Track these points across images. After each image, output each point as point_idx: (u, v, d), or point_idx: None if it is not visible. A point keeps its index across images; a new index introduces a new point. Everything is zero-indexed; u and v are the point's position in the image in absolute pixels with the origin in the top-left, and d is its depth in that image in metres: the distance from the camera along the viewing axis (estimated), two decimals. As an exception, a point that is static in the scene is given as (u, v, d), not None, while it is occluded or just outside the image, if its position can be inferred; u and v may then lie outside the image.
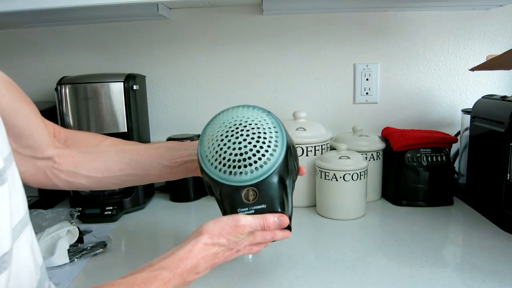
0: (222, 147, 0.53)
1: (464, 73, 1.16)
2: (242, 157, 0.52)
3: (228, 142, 0.53)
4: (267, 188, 0.53)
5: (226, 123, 0.56)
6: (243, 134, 0.53)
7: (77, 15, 1.09)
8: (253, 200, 0.53)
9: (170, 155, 0.67)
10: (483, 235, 0.82)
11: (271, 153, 0.53)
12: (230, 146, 0.53)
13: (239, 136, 0.53)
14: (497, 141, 0.85)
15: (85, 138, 0.68)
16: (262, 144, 0.53)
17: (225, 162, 0.53)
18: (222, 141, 0.54)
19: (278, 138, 0.54)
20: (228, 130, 0.54)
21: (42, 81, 1.19)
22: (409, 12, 1.14)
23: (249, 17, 1.16)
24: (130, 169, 0.66)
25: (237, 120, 0.55)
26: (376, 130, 1.17)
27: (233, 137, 0.53)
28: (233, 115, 0.57)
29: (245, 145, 0.53)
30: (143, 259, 0.78)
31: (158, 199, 1.14)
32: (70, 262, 0.75)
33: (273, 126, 0.55)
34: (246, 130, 0.54)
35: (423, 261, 0.72)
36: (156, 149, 0.67)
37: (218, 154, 0.53)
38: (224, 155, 0.53)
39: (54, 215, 0.89)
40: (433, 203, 0.99)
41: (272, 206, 0.53)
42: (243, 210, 0.53)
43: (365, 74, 1.17)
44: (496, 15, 1.13)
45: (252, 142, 0.53)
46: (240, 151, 0.52)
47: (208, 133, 0.57)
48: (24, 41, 1.20)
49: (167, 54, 1.19)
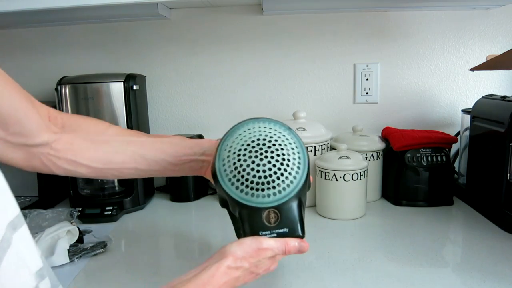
0: (244, 168, 0.51)
1: (464, 73, 1.16)
2: (266, 180, 0.51)
3: (252, 164, 0.51)
4: (288, 210, 0.52)
5: (247, 140, 0.53)
6: (268, 155, 0.52)
7: (77, 15, 1.09)
8: (275, 223, 0.52)
9: (175, 151, 0.64)
10: (483, 235, 0.82)
11: (294, 175, 0.52)
12: (254, 167, 0.51)
13: (263, 157, 0.51)
14: (497, 141, 0.85)
15: (87, 124, 0.64)
16: (286, 167, 0.52)
17: (247, 183, 0.51)
18: (245, 161, 0.52)
19: (301, 160, 0.53)
20: (251, 150, 0.52)
21: (42, 81, 1.19)
22: (409, 12, 1.14)
23: (249, 17, 1.16)
24: (133, 162, 0.63)
25: (260, 139, 0.53)
26: (376, 130, 1.17)
27: (257, 158, 0.51)
28: (255, 131, 0.54)
29: (269, 168, 0.51)
30: (143, 259, 0.79)
31: (158, 199, 1.14)
32: (70, 262, 0.75)
33: (295, 146, 0.54)
34: (271, 152, 0.52)
35: (423, 261, 0.72)
36: (161, 144, 0.65)
37: (240, 174, 0.51)
38: (246, 176, 0.51)
39: (54, 215, 0.89)
40: (433, 203, 0.99)
41: (294, 230, 0.53)
42: (265, 233, 0.52)
43: (365, 74, 1.17)
44: (496, 15, 1.13)
45: (276, 165, 0.51)
46: (264, 174, 0.51)
47: (226, 148, 0.54)
48: (24, 41, 1.20)
49: (167, 54, 1.19)
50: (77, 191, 1.04)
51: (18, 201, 0.43)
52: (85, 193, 1.04)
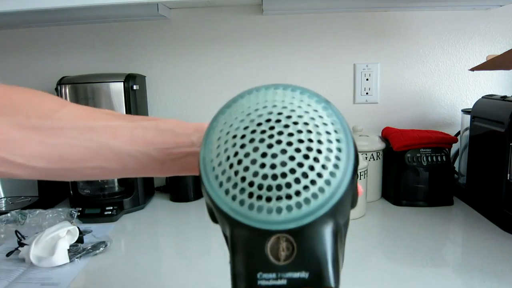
0: (242, 159, 0.28)
1: (464, 73, 1.16)
2: (277, 182, 0.27)
3: (255, 153, 0.28)
4: (312, 239, 0.28)
5: (252, 114, 0.30)
6: (283, 140, 0.28)
7: (77, 15, 1.09)
8: (286, 260, 0.28)
9: (163, 141, 0.42)
10: (483, 235, 0.82)
11: (328, 177, 0.27)
12: (258, 160, 0.27)
13: (274, 143, 0.27)
14: (497, 141, 0.85)
15: (27, 101, 0.42)
16: (315, 162, 0.27)
17: (245, 185, 0.28)
18: (242, 147, 0.28)
19: (342, 151, 0.28)
20: (255, 130, 0.28)
21: (42, 81, 1.19)
22: (409, 12, 1.14)
23: (249, 17, 1.16)
24: (98, 160, 0.41)
25: (273, 112, 0.29)
26: (376, 130, 1.17)
27: (264, 144, 0.28)
28: (266, 100, 0.31)
29: (284, 161, 0.27)
30: (143, 259, 0.79)
31: (158, 199, 1.14)
32: (70, 262, 0.75)
33: (334, 129, 0.29)
34: (288, 134, 0.28)
35: (423, 261, 0.72)
36: (143, 130, 0.43)
37: (235, 170, 0.28)
38: (244, 174, 0.28)
39: (54, 215, 0.90)
40: (433, 203, 0.99)
41: (320, 277, 0.28)
42: (267, 277, 0.29)
43: (365, 74, 1.17)
44: (496, 15, 1.13)
45: (296, 157, 0.27)
46: (274, 171, 0.27)
47: (218, 127, 0.31)
48: (24, 41, 1.20)
49: (167, 54, 1.19)
50: (77, 191, 1.04)
51: (18, 201, 0.41)
52: (85, 193, 1.04)
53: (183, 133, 0.44)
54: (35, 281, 0.69)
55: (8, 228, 0.88)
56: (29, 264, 0.74)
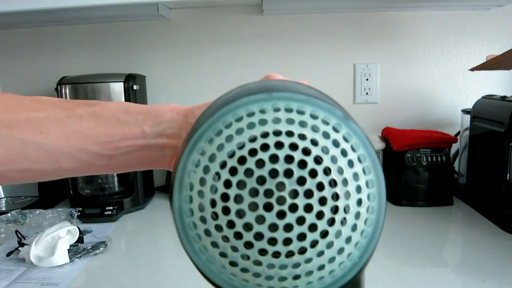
0: (234, 220, 0.21)
1: (464, 73, 1.16)
2: (293, 262, 0.21)
3: (252, 212, 0.20)
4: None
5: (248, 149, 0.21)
6: (297, 202, 0.20)
7: (77, 15, 1.09)
8: None
9: (105, 133, 0.34)
10: (483, 235, 0.82)
11: (357, 241, 0.22)
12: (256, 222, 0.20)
13: (285, 208, 0.20)
14: (497, 141, 0.85)
15: None
16: (340, 225, 0.21)
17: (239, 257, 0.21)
18: (241, 216, 0.20)
19: (374, 200, 0.22)
20: (256, 188, 0.20)
21: (42, 81, 1.19)
22: (409, 12, 1.14)
23: (249, 17, 1.16)
24: (24, 161, 0.33)
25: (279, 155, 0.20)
26: (376, 130, 1.17)
27: (272, 211, 0.20)
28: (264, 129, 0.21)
29: (301, 232, 0.20)
30: (143, 259, 0.79)
31: (158, 199, 1.14)
32: (70, 262, 0.75)
33: (361, 169, 0.22)
34: (305, 194, 0.20)
35: (423, 261, 0.72)
36: (79, 120, 0.34)
37: (224, 235, 0.21)
38: (237, 243, 0.21)
39: (55, 215, 0.90)
40: (433, 203, 0.99)
41: None
42: None
43: (365, 74, 1.17)
44: (496, 15, 1.13)
45: (318, 225, 0.20)
46: (284, 235, 0.20)
47: (200, 163, 0.21)
48: (24, 41, 1.20)
49: (167, 54, 1.19)
50: (77, 191, 1.04)
51: (18, 201, 0.39)
52: (85, 193, 1.04)
53: (131, 121, 0.35)
54: (35, 281, 0.69)
55: (8, 228, 0.88)
56: (29, 264, 0.74)
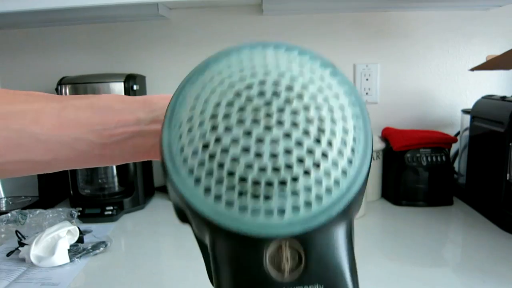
0: (227, 147, 0.20)
1: (464, 73, 1.16)
2: (280, 176, 0.20)
3: (245, 137, 0.20)
4: (325, 245, 0.22)
5: (236, 84, 0.21)
6: (284, 118, 0.20)
7: (78, 15, 1.09)
8: (292, 273, 0.21)
9: (100, 121, 0.34)
10: (483, 235, 0.82)
11: (344, 167, 0.21)
12: (250, 145, 0.20)
13: (272, 123, 0.20)
14: (497, 141, 0.85)
15: None
16: (328, 148, 0.21)
17: (233, 182, 0.20)
18: (228, 130, 0.20)
19: (360, 129, 0.23)
20: (243, 106, 0.20)
21: (42, 81, 1.19)
22: (409, 12, 1.14)
23: (249, 17, 1.16)
24: (19, 152, 0.34)
25: (267, 80, 0.21)
26: (376, 130, 1.17)
27: (259, 125, 0.20)
28: (254, 63, 0.22)
29: (287, 148, 0.20)
30: (143, 259, 0.79)
31: (158, 199, 1.14)
32: (70, 262, 0.75)
33: (347, 103, 0.23)
34: (292, 112, 0.20)
35: (423, 261, 0.72)
36: (75, 110, 0.35)
37: (218, 161, 0.20)
38: (233, 166, 0.20)
39: (55, 215, 0.90)
40: (433, 203, 0.99)
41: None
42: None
43: (365, 74, 1.17)
44: (496, 15, 1.13)
45: (303, 142, 0.20)
46: (275, 161, 0.20)
47: (188, 102, 0.23)
48: (24, 41, 1.20)
49: (167, 54, 1.19)
50: (77, 191, 1.04)
51: (18, 201, 0.39)
52: (85, 193, 1.04)
53: (125, 109, 0.35)
54: (35, 281, 0.69)
55: (9, 228, 0.88)
56: (29, 264, 0.74)
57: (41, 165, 0.35)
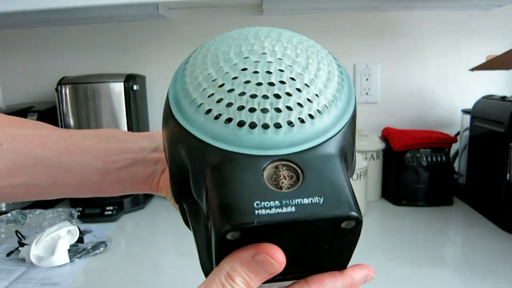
0: (227, 74, 0.23)
1: (464, 73, 1.16)
2: (274, 90, 0.22)
3: (243, 61, 0.23)
4: (322, 165, 0.22)
5: (238, 42, 0.25)
6: (276, 49, 0.24)
7: (78, 15, 1.09)
8: (291, 188, 0.21)
9: (104, 148, 0.36)
10: (483, 235, 0.82)
11: (334, 94, 0.24)
12: (248, 72, 0.23)
13: (267, 51, 0.23)
14: (497, 141, 0.85)
15: None
16: (315, 76, 0.23)
17: (232, 98, 0.22)
18: (233, 68, 0.23)
19: (344, 77, 0.25)
20: (246, 56, 0.23)
21: (42, 81, 1.19)
22: (409, 12, 1.14)
23: (249, 17, 1.16)
24: (22, 175, 0.34)
25: (267, 38, 0.25)
26: (376, 130, 1.17)
27: (253, 52, 0.23)
28: (249, 31, 0.26)
29: (280, 67, 0.23)
30: (143, 259, 0.79)
31: (158, 199, 1.14)
32: (70, 262, 0.75)
33: (332, 58, 0.26)
34: (284, 47, 0.24)
35: (423, 261, 0.72)
36: (81, 138, 0.36)
37: (218, 85, 0.23)
38: (233, 85, 0.22)
39: (55, 215, 0.90)
40: (433, 203, 0.99)
41: (338, 202, 0.22)
42: (268, 205, 0.20)
43: (364, 74, 1.17)
44: (496, 15, 1.13)
45: (294, 68, 0.23)
46: (269, 78, 0.22)
47: (194, 61, 0.26)
48: (24, 41, 1.20)
49: (167, 54, 1.19)
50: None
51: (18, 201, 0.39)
52: (85, 193, 1.04)
53: (129, 139, 0.37)
54: (35, 281, 0.69)
55: (9, 228, 0.88)
56: (29, 264, 0.74)
57: (41, 189, 0.36)
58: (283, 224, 0.20)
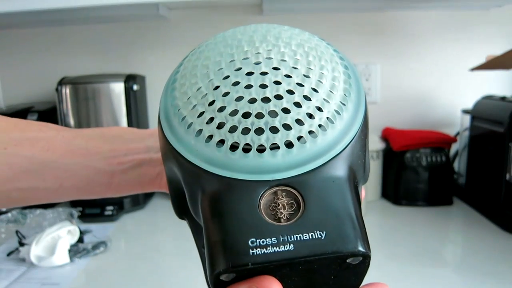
0: (221, 91, 0.20)
1: (464, 73, 1.16)
2: (269, 106, 0.20)
3: (235, 73, 0.21)
4: (325, 190, 0.20)
5: (233, 45, 0.22)
6: (272, 55, 0.21)
7: (78, 15, 1.09)
8: (289, 220, 0.19)
9: (110, 149, 0.35)
10: (483, 235, 0.82)
11: (339, 105, 0.21)
12: (240, 80, 0.20)
13: (265, 73, 0.20)
14: (497, 141, 0.85)
15: None
16: (318, 85, 0.20)
17: (223, 117, 0.20)
18: (218, 70, 0.21)
19: (352, 81, 0.22)
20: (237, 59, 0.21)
21: (43, 81, 1.19)
22: (409, 12, 1.14)
23: (249, 17, 1.16)
24: (28, 179, 0.33)
25: (262, 43, 0.22)
26: (376, 130, 1.17)
27: (246, 61, 0.21)
28: (249, 30, 0.24)
29: (276, 79, 0.20)
30: (143, 259, 0.79)
31: (158, 199, 1.14)
32: (70, 262, 0.75)
33: (338, 60, 0.23)
34: (280, 52, 0.21)
35: (423, 261, 0.72)
36: (85, 139, 0.35)
37: (208, 99, 0.20)
38: (224, 102, 0.20)
39: (55, 215, 0.90)
40: (433, 203, 0.99)
41: (342, 236, 0.19)
42: (264, 243, 0.18)
43: (365, 74, 1.17)
44: (495, 15, 1.13)
45: (292, 78, 0.20)
46: (264, 92, 0.20)
47: (186, 66, 0.25)
48: (25, 41, 1.20)
49: (167, 54, 1.19)
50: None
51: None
52: (85, 193, 1.04)
53: (135, 138, 0.36)
54: (35, 281, 0.69)
55: (9, 228, 0.88)
56: (29, 264, 0.74)
57: (47, 193, 0.35)
58: (280, 264, 0.18)
